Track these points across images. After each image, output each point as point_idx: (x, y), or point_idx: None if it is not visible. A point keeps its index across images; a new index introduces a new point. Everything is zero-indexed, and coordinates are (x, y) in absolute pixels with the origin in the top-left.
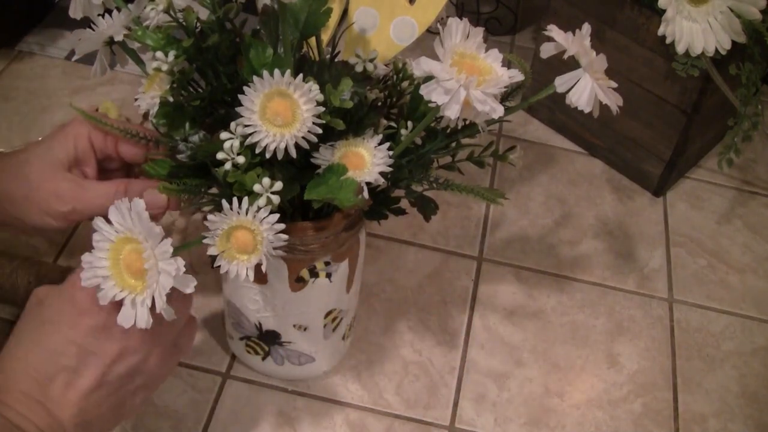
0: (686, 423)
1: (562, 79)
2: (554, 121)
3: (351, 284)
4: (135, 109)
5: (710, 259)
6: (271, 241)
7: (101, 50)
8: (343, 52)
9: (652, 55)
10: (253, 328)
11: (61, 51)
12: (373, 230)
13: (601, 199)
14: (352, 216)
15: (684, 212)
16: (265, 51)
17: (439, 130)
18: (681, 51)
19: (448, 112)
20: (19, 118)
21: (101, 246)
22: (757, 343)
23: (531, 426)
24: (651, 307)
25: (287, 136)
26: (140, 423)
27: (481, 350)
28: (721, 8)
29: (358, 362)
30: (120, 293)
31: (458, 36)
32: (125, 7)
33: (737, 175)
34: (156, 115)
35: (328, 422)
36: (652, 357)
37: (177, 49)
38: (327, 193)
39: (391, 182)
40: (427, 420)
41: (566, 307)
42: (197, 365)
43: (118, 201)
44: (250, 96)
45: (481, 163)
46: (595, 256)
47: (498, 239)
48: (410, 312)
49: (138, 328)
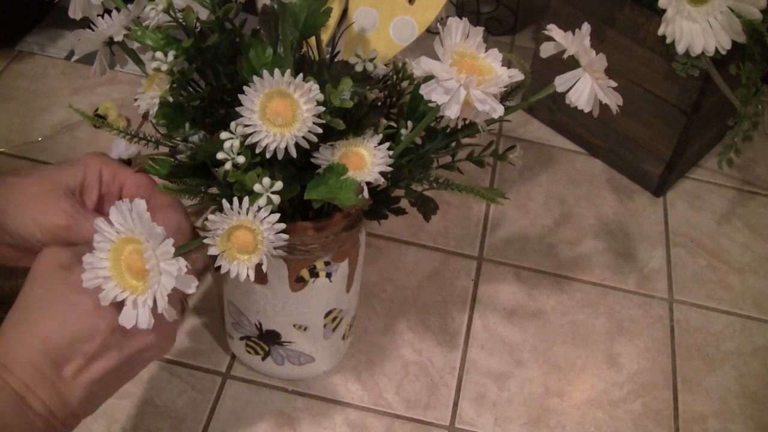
0: (686, 423)
1: (562, 79)
2: (554, 121)
3: (351, 284)
4: (134, 110)
5: (710, 259)
6: (271, 240)
7: (101, 50)
8: (343, 52)
9: (652, 55)
10: (253, 328)
11: (61, 51)
12: (373, 230)
13: (601, 199)
14: (352, 216)
15: (684, 212)
16: (265, 51)
17: (439, 129)
18: (681, 51)
19: (448, 112)
20: (19, 118)
21: (102, 247)
22: (757, 343)
23: (531, 426)
24: (651, 307)
25: (287, 135)
26: (140, 423)
27: (481, 350)
28: (721, 8)
29: (358, 362)
30: (121, 294)
31: (458, 36)
32: (125, 8)
33: (737, 175)
34: (156, 115)
35: (328, 422)
36: (652, 357)
37: (177, 49)
38: (327, 193)
39: (391, 182)
40: (427, 420)
41: (566, 307)
42: (197, 365)
43: (119, 201)
44: (250, 96)
45: (481, 162)
46: (595, 256)
47: (498, 239)
48: (410, 312)
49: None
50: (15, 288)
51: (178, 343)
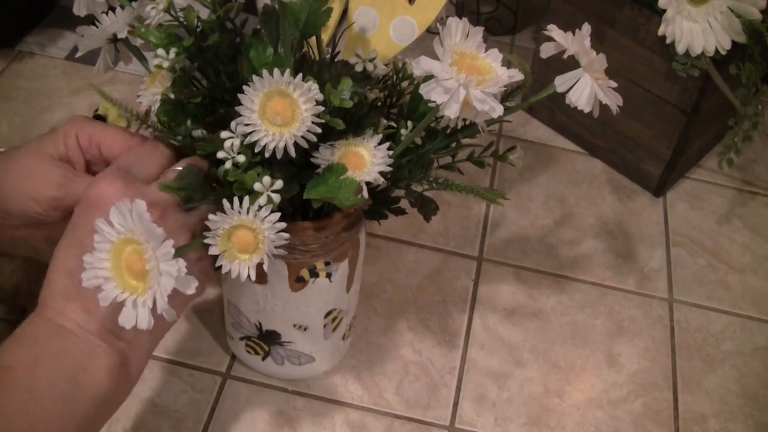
0: (686, 423)
1: (562, 79)
2: (554, 121)
3: (351, 284)
4: (135, 109)
5: (710, 259)
6: (272, 240)
7: (104, 47)
8: (343, 52)
9: (652, 55)
10: (253, 328)
11: (61, 51)
12: (373, 230)
13: (601, 199)
14: (351, 216)
15: (684, 212)
16: (266, 50)
17: (439, 130)
18: (681, 51)
19: (448, 112)
20: (19, 118)
21: (102, 247)
22: (757, 343)
23: (531, 426)
24: (651, 307)
25: (287, 135)
26: (140, 423)
27: (481, 350)
28: (721, 8)
29: (358, 362)
30: (121, 294)
31: (458, 36)
32: (129, 5)
33: (737, 175)
34: (157, 112)
35: (328, 422)
36: (652, 357)
37: (178, 48)
38: (327, 193)
39: (391, 182)
40: (427, 420)
41: (566, 307)
42: (197, 365)
43: (119, 202)
44: (250, 95)
45: (481, 163)
46: (595, 256)
47: (498, 239)
48: (410, 312)
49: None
50: (14, 286)
51: (179, 342)
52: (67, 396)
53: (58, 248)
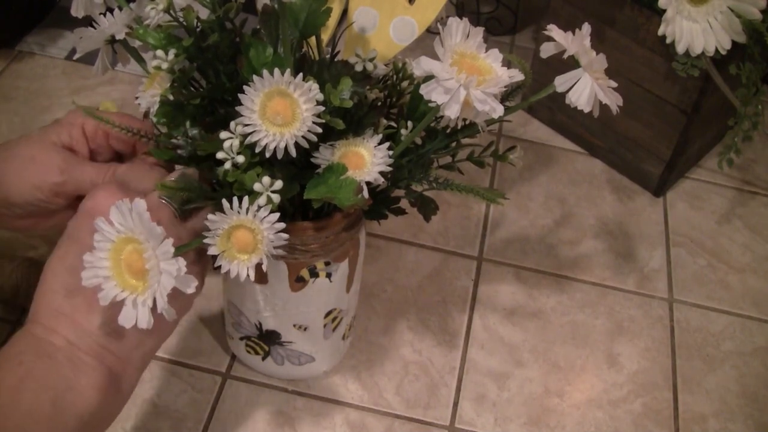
0: (686, 423)
1: (562, 79)
2: (554, 121)
3: (351, 284)
4: (135, 109)
5: (710, 259)
6: (271, 240)
7: (103, 48)
8: (343, 52)
9: (652, 55)
10: (253, 328)
11: (61, 51)
12: (373, 230)
13: (601, 199)
14: (351, 216)
15: (684, 212)
16: (265, 50)
17: (439, 129)
18: (681, 51)
19: (448, 112)
20: (19, 118)
21: (102, 246)
22: (757, 343)
23: (531, 426)
24: (651, 307)
25: (287, 135)
26: (140, 423)
27: (481, 350)
28: (721, 8)
29: (358, 362)
30: (121, 293)
31: (458, 36)
32: (126, 6)
33: (737, 175)
34: (156, 113)
35: (328, 422)
36: (652, 357)
37: (177, 48)
38: (327, 193)
39: (391, 182)
40: (427, 420)
41: (566, 307)
42: (197, 365)
43: (120, 201)
44: (250, 95)
45: (481, 163)
46: (595, 256)
47: (498, 239)
48: (410, 312)
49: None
50: (14, 286)
51: (179, 342)
52: (52, 416)
53: (52, 258)
